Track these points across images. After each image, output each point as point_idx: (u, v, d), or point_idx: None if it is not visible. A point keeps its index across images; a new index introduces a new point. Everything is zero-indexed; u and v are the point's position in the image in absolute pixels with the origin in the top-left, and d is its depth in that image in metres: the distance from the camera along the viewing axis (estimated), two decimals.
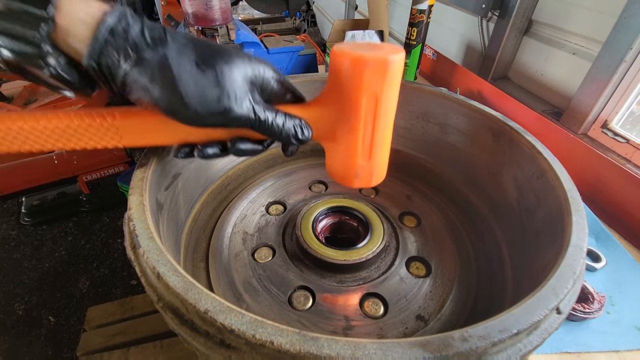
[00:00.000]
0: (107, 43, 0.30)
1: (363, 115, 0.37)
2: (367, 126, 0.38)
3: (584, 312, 0.55)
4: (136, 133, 0.38)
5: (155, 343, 0.88)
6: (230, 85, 0.33)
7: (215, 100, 0.32)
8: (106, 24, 0.30)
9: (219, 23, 1.02)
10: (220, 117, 0.33)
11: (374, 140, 0.39)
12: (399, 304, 0.49)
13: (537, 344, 0.29)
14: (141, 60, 0.31)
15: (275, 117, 0.36)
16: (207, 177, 0.63)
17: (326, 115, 0.39)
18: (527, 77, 1.14)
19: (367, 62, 0.34)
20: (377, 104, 0.37)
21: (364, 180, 0.43)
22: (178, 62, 0.31)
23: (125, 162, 1.78)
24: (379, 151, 0.41)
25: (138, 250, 0.33)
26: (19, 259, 1.68)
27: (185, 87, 0.31)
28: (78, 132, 0.36)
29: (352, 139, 0.39)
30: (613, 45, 0.82)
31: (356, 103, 0.36)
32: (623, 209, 0.72)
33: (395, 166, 0.75)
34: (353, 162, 0.41)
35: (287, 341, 0.25)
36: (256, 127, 0.36)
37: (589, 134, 0.94)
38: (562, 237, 0.37)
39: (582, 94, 0.91)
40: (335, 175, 0.44)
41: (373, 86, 0.35)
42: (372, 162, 0.41)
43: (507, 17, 1.10)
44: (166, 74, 0.31)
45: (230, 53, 0.34)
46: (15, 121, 0.34)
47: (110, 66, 0.31)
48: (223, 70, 0.33)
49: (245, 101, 0.34)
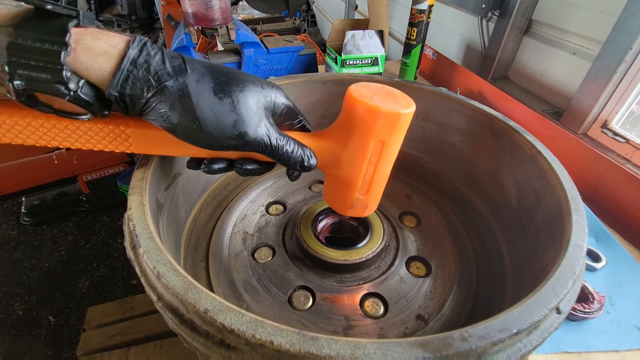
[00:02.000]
0: (130, 74, 0.31)
1: (368, 157, 0.40)
2: (370, 166, 0.41)
3: (584, 312, 0.55)
4: (146, 143, 0.39)
5: (155, 343, 0.88)
6: (246, 112, 0.35)
7: (232, 126, 0.34)
8: (129, 55, 0.31)
9: (219, 23, 1.02)
10: (235, 141, 0.35)
11: (373, 178, 0.42)
12: (399, 303, 0.49)
13: (537, 343, 0.29)
14: (162, 89, 0.32)
15: (286, 144, 0.38)
16: (207, 177, 0.63)
17: (333, 148, 0.42)
18: (527, 77, 1.14)
19: (381, 114, 0.36)
20: (383, 148, 0.39)
21: (357, 211, 0.46)
22: (197, 90, 0.33)
23: (125, 162, 1.78)
24: (376, 188, 0.44)
25: (138, 250, 0.33)
26: (19, 259, 1.68)
27: (202, 113, 0.33)
28: (88, 134, 0.37)
29: (354, 175, 0.42)
30: (613, 45, 0.82)
31: (364, 146, 0.39)
32: (623, 209, 0.72)
33: (395, 166, 0.75)
34: (350, 195, 0.44)
35: (287, 341, 0.25)
36: (267, 152, 0.37)
37: (589, 133, 0.94)
38: (562, 236, 0.37)
39: (582, 94, 0.91)
40: (332, 203, 0.48)
41: (383, 134, 0.38)
42: (368, 196, 0.44)
43: (507, 17, 1.10)
44: (185, 102, 0.32)
45: (245, 80, 0.36)
46: (24, 117, 0.34)
47: (133, 95, 0.32)
48: (239, 98, 0.34)
49: (261, 127, 0.36)
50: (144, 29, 4.33)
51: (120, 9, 4.22)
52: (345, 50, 1.12)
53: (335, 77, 0.67)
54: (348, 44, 1.11)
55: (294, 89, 0.65)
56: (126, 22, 4.24)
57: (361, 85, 0.39)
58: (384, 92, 0.38)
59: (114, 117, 0.37)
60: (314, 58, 1.20)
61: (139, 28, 4.31)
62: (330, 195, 0.47)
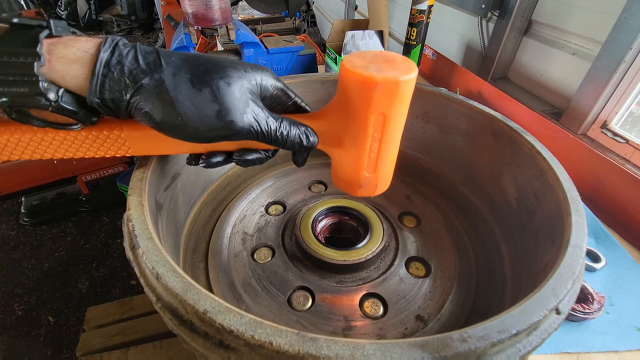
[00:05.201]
0: (105, 78, 0.30)
1: (370, 133, 0.37)
2: (374, 142, 0.38)
3: (584, 313, 0.55)
4: (143, 144, 0.39)
5: (154, 343, 0.88)
6: (229, 100, 0.33)
7: (215, 116, 0.33)
8: (101, 59, 0.30)
9: (219, 23, 1.02)
10: (223, 132, 0.33)
11: (380, 155, 0.39)
12: (398, 304, 0.49)
13: (536, 344, 0.29)
14: (139, 88, 0.31)
15: (280, 125, 0.36)
16: (207, 178, 0.63)
17: (333, 127, 0.39)
18: (526, 77, 1.14)
19: (377, 84, 0.33)
20: (385, 122, 0.36)
21: (367, 190, 0.43)
22: (174, 84, 0.32)
23: (124, 162, 1.78)
24: (385, 165, 0.41)
25: (137, 251, 0.33)
26: (18, 259, 1.68)
27: (183, 107, 0.32)
28: (86, 143, 0.37)
29: (358, 153, 0.39)
30: (612, 45, 0.82)
31: (364, 121, 0.36)
32: (622, 209, 0.72)
33: (395, 166, 0.75)
34: (358, 173, 0.41)
35: (286, 342, 0.25)
36: (260, 138, 0.35)
37: (588, 134, 0.94)
38: (562, 237, 0.37)
39: (582, 94, 0.91)
40: (340, 184, 0.45)
41: (382, 106, 0.35)
42: (377, 174, 0.41)
43: (506, 17, 1.10)
44: (164, 98, 0.31)
45: (225, 67, 0.34)
46: (24, 132, 0.35)
47: (114, 99, 0.31)
48: (219, 86, 0.33)
49: (247, 113, 0.34)
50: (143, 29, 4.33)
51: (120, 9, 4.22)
52: (345, 51, 1.12)
53: (335, 77, 0.67)
54: (348, 44, 1.11)
55: (294, 89, 0.65)
56: (126, 22, 4.24)
57: (355, 55, 0.35)
58: (381, 59, 0.34)
59: (108, 122, 0.37)
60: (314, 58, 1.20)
61: (139, 28, 4.31)
62: (337, 177, 0.44)
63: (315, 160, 0.76)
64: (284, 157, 0.74)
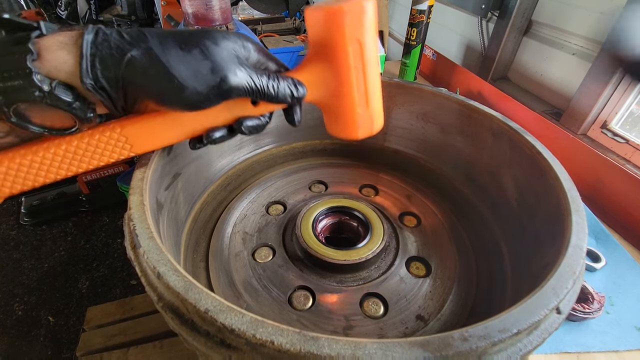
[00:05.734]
0: (94, 57, 0.31)
1: (352, 64, 0.38)
2: (358, 74, 0.39)
3: (584, 312, 0.55)
4: (145, 136, 0.38)
5: (155, 343, 0.88)
6: (219, 57, 0.34)
7: (209, 73, 0.33)
8: (86, 40, 0.31)
9: (219, 23, 1.03)
10: (220, 89, 0.34)
11: (367, 86, 0.41)
12: (399, 304, 0.49)
13: (537, 343, 0.29)
14: (129, 62, 0.32)
15: (270, 78, 0.37)
16: (207, 177, 0.63)
17: (317, 74, 0.40)
18: (526, 77, 1.14)
19: (345, 11, 0.36)
20: (362, 49, 0.38)
21: (366, 128, 0.43)
22: (162, 50, 0.32)
23: (124, 162, 1.78)
24: (375, 98, 0.42)
25: (138, 250, 0.33)
26: (18, 259, 1.68)
27: (177, 70, 0.32)
28: (89, 150, 0.36)
29: (347, 90, 0.40)
30: None
31: (343, 52, 0.38)
32: (623, 209, 0.73)
33: (395, 166, 0.76)
34: (352, 112, 0.42)
35: (287, 341, 0.25)
36: (254, 93, 0.36)
37: (588, 134, 0.94)
38: (562, 237, 0.37)
39: (582, 94, 0.91)
40: (339, 131, 0.45)
41: (355, 32, 0.37)
42: (370, 109, 0.42)
43: (506, 17, 1.10)
44: (156, 65, 0.32)
45: (208, 31, 0.36)
46: (24, 156, 0.34)
47: (106, 77, 0.32)
48: (207, 45, 0.34)
49: (240, 69, 0.35)
50: None
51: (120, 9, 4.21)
52: None
53: None
54: None
55: None
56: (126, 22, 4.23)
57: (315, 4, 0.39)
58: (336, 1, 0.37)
59: (106, 124, 0.37)
60: None
61: None
62: (334, 127, 0.45)
63: (316, 160, 0.76)
64: (284, 157, 0.75)
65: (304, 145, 0.75)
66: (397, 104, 0.69)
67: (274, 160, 0.74)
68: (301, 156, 0.76)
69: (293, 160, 0.76)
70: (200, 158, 0.59)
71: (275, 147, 0.73)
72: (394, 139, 0.73)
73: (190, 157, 0.55)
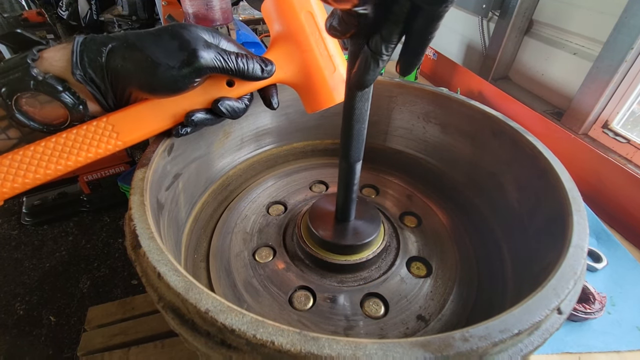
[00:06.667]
0: (83, 53, 0.37)
1: (309, 31, 0.43)
2: (317, 40, 0.44)
3: (585, 313, 0.55)
4: (130, 124, 0.41)
5: (155, 343, 0.88)
6: (188, 36, 0.39)
7: (178, 50, 0.38)
8: (77, 41, 0.38)
9: (220, 23, 1.03)
10: (189, 64, 0.38)
11: (328, 48, 0.45)
12: (399, 304, 0.49)
13: (538, 344, 0.29)
14: (110, 49, 0.38)
15: (237, 56, 0.41)
16: (208, 177, 0.63)
17: (281, 52, 0.44)
18: (527, 77, 1.14)
19: None
20: (314, 17, 0.43)
21: (340, 91, 0.46)
22: (137, 38, 0.38)
23: (125, 162, 1.79)
24: (339, 59, 0.46)
25: (139, 250, 0.33)
26: (19, 259, 1.69)
27: (149, 50, 0.38)
28: (77, 141, 0.39)
29: (311, 57, 0.44)
30: (614, 45, 0.82)
31: (298, 23, 0.43)
32: (624, 209, 0.72)
33: (396, 166, 0.76)
34: (322, 77, 0.45)
35: (287, 341, 0.25)
36: (226, 68, 0.40)
37: (589, 134, 0.94)
38: (563, 237, 0.37)
39: (583, 94, 0.91)
40: (317, 103, 0.48)
41: (303, 4, 0.42)
42: (338, 71, 0.46)
43: (507, 17, 1.10)
44: (132, 49, 0.38)
45: (180, 22, 0.41)
46: (16, 152, 0.37)
47: (93, 68, 0.37)
48: (176, 30, 0.39)
49: (209, 47, 0.39)
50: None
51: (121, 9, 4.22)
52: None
53: None
54: None
55: None
56: (127, 22, 4.24)
57: None
58: None
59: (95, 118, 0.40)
60: None
61: (140, 28, 4.31)
62: (311, 100, 0.48)
63: (316, 160, 0.76)
64: (284, 157, 0.75)
65: (304, 145, 0.75)
66: (398, 104, 0.69)
67: (274, 160, 0.74)
68: (302, 156, 0.76)
69: (294, 160, 0.76)
70: (201, 158, 0.59)
71: (275, 147, 0.73)
72: (394, 139, 0.73)
73: (191, 158, 0.55)
